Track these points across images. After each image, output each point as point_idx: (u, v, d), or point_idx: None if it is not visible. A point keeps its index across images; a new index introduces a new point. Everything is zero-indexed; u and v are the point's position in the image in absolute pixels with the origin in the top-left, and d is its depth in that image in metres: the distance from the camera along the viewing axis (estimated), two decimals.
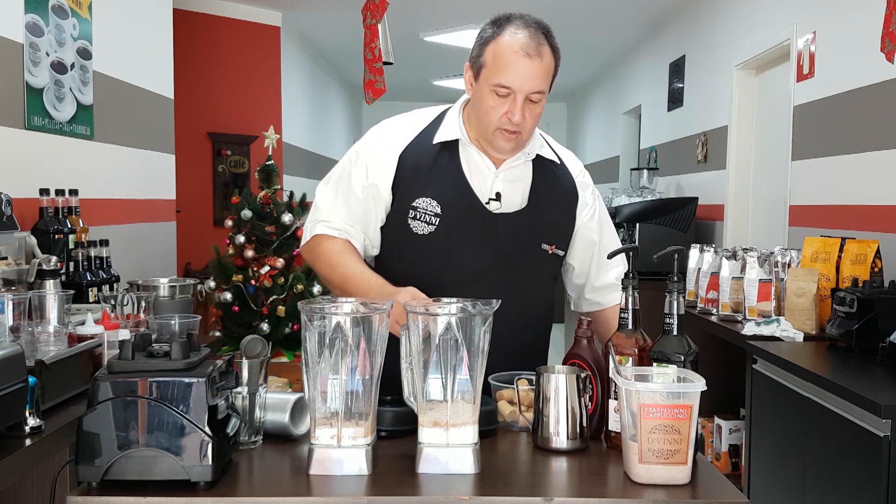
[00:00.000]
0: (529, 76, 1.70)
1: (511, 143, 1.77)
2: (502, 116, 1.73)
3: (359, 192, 1.81)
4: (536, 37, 1.71)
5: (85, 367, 1.86)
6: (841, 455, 2.25)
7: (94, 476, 1.23)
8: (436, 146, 1.81)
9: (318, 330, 1.30)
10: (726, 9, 5.11)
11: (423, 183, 1.79)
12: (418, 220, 1.78)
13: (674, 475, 1.29)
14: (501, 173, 1.82)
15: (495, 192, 1.81)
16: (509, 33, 1.72)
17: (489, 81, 1.72)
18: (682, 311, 1.48)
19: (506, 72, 1.70)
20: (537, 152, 1.86)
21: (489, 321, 1.35)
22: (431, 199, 1.78)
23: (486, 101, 1.73)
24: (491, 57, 1.72)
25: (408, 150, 1.81)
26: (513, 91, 1.70)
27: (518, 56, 1.69)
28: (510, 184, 1.83)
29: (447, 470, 1.32)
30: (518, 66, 1.69)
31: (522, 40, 1.70)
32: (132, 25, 4.01)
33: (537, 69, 1.71)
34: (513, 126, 1.73)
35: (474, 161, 1.82)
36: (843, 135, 3.51)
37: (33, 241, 2.66)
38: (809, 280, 2.88)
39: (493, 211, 1.80)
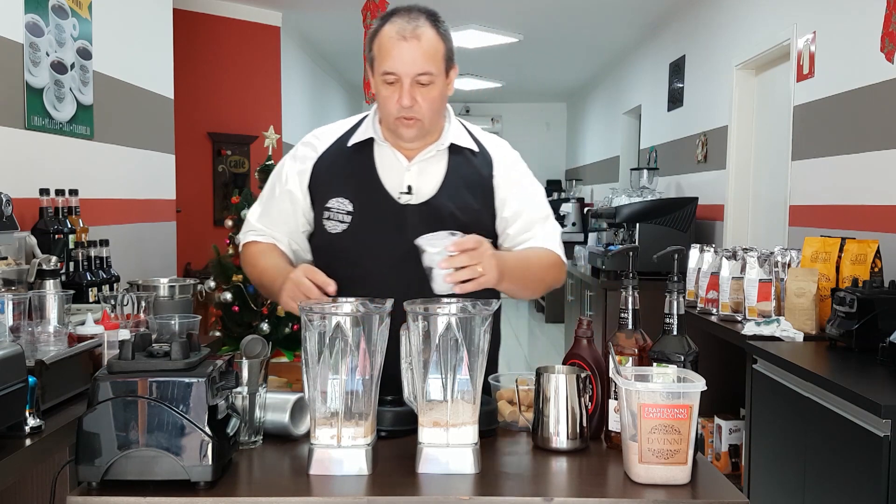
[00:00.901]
0: (410, 59, 1.73)
1: (412, 129, 1.80)
2: (395, 104, 1.76)
3: (278, 199, 1.91)
4: (413, 20, 1.76)
5: (85, 367, 1.86)
6: (841, 455, 2.25)
7: (94, 476, 1.23)
8: (351, 148, 1.88)
9: (318, 330, 1.30)
10: (726, 9, 5.11)
11: (337, 184, 1.85)
12: (332, 219, 1.84)
13: (674, 475, 1.29)
14: (414, 166, 1.85)
15: (407, 185, 1.83)
16: (389, 23, 1.77)
17: (378, 72, 1.77)
18: (682, 311, 1.48)
19: (387, 58, 1.74)
20: (452, 141, 1.87)
21: (489, 321, 1.35)
22: (344, 199, 1.84)
23: (381, 92, 1.78)
24: (376, 48, 1.77)
25: (324, 155, 1.89)
26: (398, 76, 1.74)
27: (395, 41, 1.74)
28: (423, 176, 1.85)
29: (447, 470, 1.32)
30: (396, 50, 1.73)
31: (398, 26, 1.75)
32: (132, 25, 4.01)
33: (416, 51, 1.73)
34: (407, 112, 1.76)
35: (387, 158, 1.86)
36: (843, 135, 3.51)
37: (33, 241, 2.66)
38: (809, 280, 2.88)
39: (402, 203, 1.82)
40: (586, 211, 8.15)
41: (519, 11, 6.47)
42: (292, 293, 1.65)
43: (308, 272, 1.66)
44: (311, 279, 1.64)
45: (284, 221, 1.90)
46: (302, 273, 1.66)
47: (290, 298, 1.66)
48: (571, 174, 11.19)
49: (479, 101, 11.52)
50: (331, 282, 1.64)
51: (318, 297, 1.62)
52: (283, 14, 6.48)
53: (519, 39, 7.23)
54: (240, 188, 4.35)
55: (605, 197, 6.50)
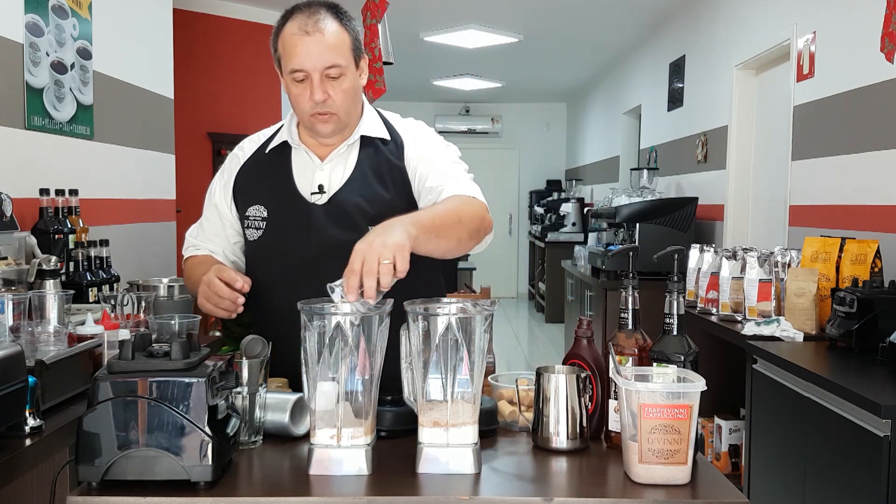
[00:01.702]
0: (315, 53, 1.72)
1: (328, 124, 1.78)
2: (308, 101, 1.74)
3: (208, 214, 1.95)
4: (314, 14, 1.74)
5: (85, 367, 1.86)
6: (841, 455, 2.25)
7: (94, 476, 1.23)
8: (269, 154, 1.88)
9: (318, 330, 1.30)
10: (726, 9, 5.11)
11: (255, 192, 1.86)
12: (250, 227, 1.86)
13: (674, 475, 1.29)
14: (326, 165, 1.83)
15: (318, 184, 1.82)
16: (290, 20, 1.76)
17: (286, 71, 1.75)
18: (682, 311, 1.48)
19: (293, 55, 1.73)
20: (362, 133, 1.84)
21: (489, 321, 1.35)
22: (260, 206, 1.85)
23: (291, 90, 1.76)
24: (281, 48, 1.76)
25: (245, 165, 1.90)
26: (306, 72, 1.73)
27: (298, 37, 1.72)
28: (336, 173, 1.83)
29: (447, 470, 1.32)
30: (301, 46, 1.72)
31: (299, 21, 1.74)
32: (132, 25, 4.01)
33: (320, 44, 1.72)
34: (321, 107, 1.74)
35: (301, 160, 1.86)
36: (843, 135, 3.51)
37: (33, 241, 2.66)
38: (809, 280, 2.88)
39: (312, 203, 1.81)
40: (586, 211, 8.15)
41: (519, 11, 6.47)
42: (205, 293, 1.68)
43: (218, 272, 1.68)
44: (220, 277, 1.66)
45: (216, 234, 1.93)
46: (213, 273, 1.68)
47: (204, 299, 1.69)
48: (571, 174, 11.19)
49: (479, 101, 11.53)
50: (238, 278, 1.66)
51: (229, 294, 1.65)
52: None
53: (519, 39, 7.23)
54: None
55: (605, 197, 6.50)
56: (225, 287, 1.66)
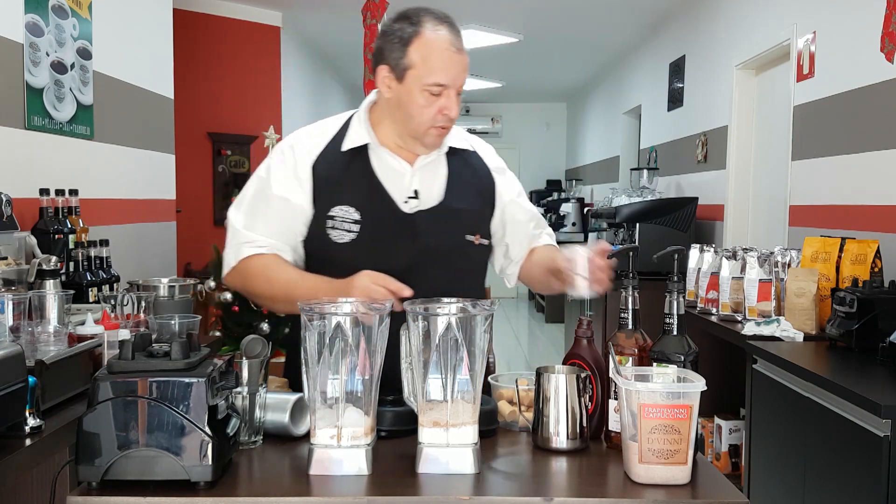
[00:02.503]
0: (461, 72, 1.74)
1: (442, 138, 1.80)
2: (437, 114, 1.74)
3: (278, 209, 1.80)
4: (455, 30, 1.75)
5: (85, 367, 1.86)
6: (841, 455, 2.25)
7: (94, 476, 1.23)
8: (345, 153, 1.81)
9: (318, 330, 1.30)
10: (726, 9, 5.11)
11: (339, 191, 1.78)
12: (337, 228, 1.77)
13: (674, 475, 1.29)
14: (417, 171, 1.82)
15: (413, 189, 1.81)
16: (431, 30, 1.72)
17: (421, 82, 1.72)
18: (682, 311, 1.48)
19: (440, 70, 1.71)
20: (450, 144, 1.86)
21: (489, 321, 1.35)
22: (348, 207, 1.77)
23: (418, 100, 1.73)
24: (419, 57, 1.71)
25: (319, 160, 1.81)
26: (447, 87, 1.73)
27: (450, 53, 1.72)
28: (427, 180, 1.83)
29: (447, 470, 1.32)
30: (452, 62, 1.72)
31: (449, 37, 1.73)
32: (132, 25, 4.01)
33: (464, 63, 1.75)
34: (447, 121, 1.76)
35: (387, 163, 1.82)
36: (843, 135, 3.51)
37: (33, 241, 2.66)
38: (809, 280, 2.88)
39: (409, 210, 1.79)
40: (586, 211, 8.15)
41: (519, 11, 6.47)
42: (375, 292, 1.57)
43: (378, 279, 1.59)
44: (383, 286, 1.57)
45: (283, 230, 1.80)
46: (369, 280, 1.59)
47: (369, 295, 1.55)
48: (571, 174, 11.19)
49: (479, 101, 11.53)
50: (405, 287, 1.57)
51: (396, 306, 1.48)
52: (283, 14, 6.48)
53: (519, 39, 7.23)
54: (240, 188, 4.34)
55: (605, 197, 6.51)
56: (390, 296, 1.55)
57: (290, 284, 1.74)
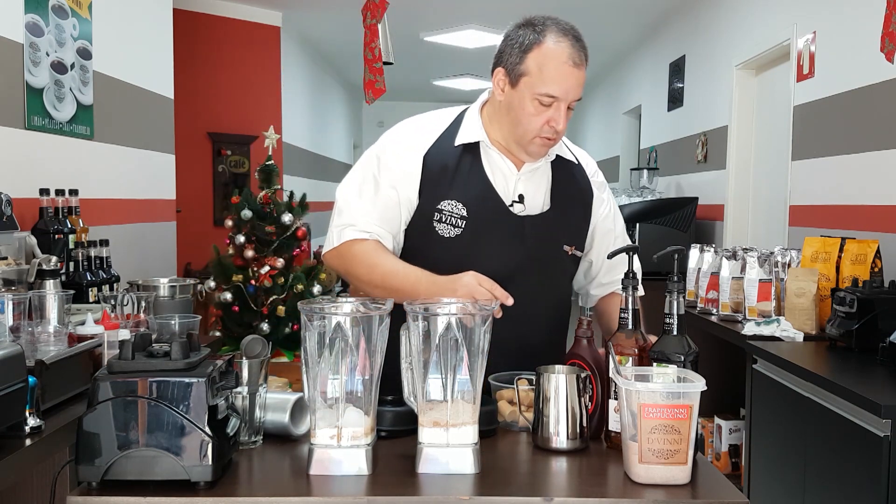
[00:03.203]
0: (576, 85, 1.72)
1: (547, 148, 1.80)
2: (544, 125, 1.73)
3: (385, 196, 1.79)
4: (579, 44, 1.74)
5: (85, 367, 1.85)
6: (841, 455, 2.25)
7: (94, 476, 1.23)
8: (457, 148, 1.80)
9: (318, 330, 1.30)
10: (726, 9, 5.11)
11: (448, 185, 1.77)
12: (444, 222, 1.76)
13: (674, 475, 1.29)
14: (523, 175, 1.83)
15: (518, 194, 1.81)
16: (553, 41, 1.72)
17: (533, 90, 1.71)
18: (682, 311, 1.48)
19: (554, 82, 1.70)
20: (556, 153, 1.87)
21: (489, 321, 1.35)
22: (456, 202, 1.76)
23: (527, 108, 1.73)
24: (535, 66, 1.72)
25: (430, 152, 1.80)
26: (558, 100, 1.71)
27: (568, 66, 1.71)
28: (531, 185, 1.83)
29: (447, 470, 1.32)
30: (567, 76, 1.71)
31: (569, 50, 1.71)
32: (132, 25, 4.01)
33: (580, 79, 1.73)
34: (553, 133, 1.74)
35: (496, 163, 1.82)
36: (843, 135, 3.51)
37: (33, 241, 2.66)
38: (809, 280, 2.88)
39: (517, 213, 1.80)
40: None
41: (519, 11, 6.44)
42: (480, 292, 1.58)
43: (484, 282, 1.60)
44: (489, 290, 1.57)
45: (387, 218, 1.79)
46: (476, 281, 1.60)
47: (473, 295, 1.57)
48: None
49: None
50: (509, 296, 1.58)
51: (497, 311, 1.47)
52: (283, 14, 6.48)
53: None
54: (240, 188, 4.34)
55: None
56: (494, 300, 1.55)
57: (392, 273, 1.73)
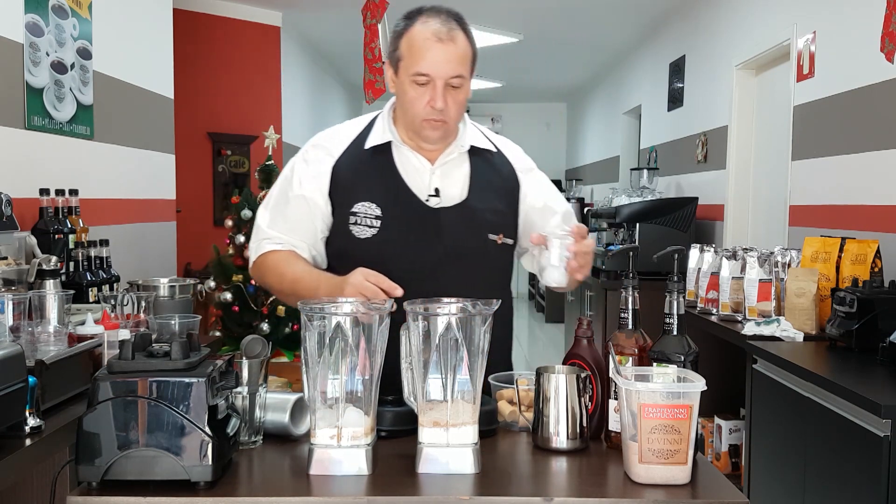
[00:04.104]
0: (444, 60, 1.73)
1: (438, 131, 1.79)
2: (425, 105, 1.75)
3: (295, 206, 1.85)
4: (447, 22, 1.75)
5: (85, 367, 1.86)
6: (841, 455, 2.25)
7: (94, 476, 1.23)
8: (368, 151, 1.84)
9: (318, 330, 1.30)
10: (726, 9, 5.11)
11: (360, 188, 1.82)
12: (359, 224, 1.80)
13: (674, 475, 1.29)
14: (438, 169, 1.84)
15: (434, 187, 1.82)
16: (420, 23, 1.75)
17: (408, 72, 1.75)
18: (682, 311, 1.48)
19: (421, 59, 1.73)
20: (472, 143, 1.87)
21: (489, 321, 1.35)
22: (370, 203, 1.80)
23: (408, 92, 1.76)
24: (406, 48, 1.75)
25: (341, 158, 1.84)
26: (431, 78, 1.73)
27: (431, 42, 1.73)
28: (448, 178, 1.84)
29: (447, 470, 1.32)
30: (432, 52, 1.72)
31: (434, 27, 1.74)
32: (132, 25, 4.01)
33: (451, 53, 1.73)
34: (437, 114, 1.75)
35: (408, 160, 1.84)
36: (843, 135, 3.51)
37: (33, 241, 2.66)
38: (809, 280, 2.88)
39: (433, 206, 1.81)
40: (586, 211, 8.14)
41: (519, 11, 6.47)
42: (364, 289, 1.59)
43: (371, 276, 1.62)
44: (375, 284, 1.59)
45: (303, 228, 1.84)
46: (362, 277, 1.62)
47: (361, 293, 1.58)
48: (571, 174, 11.19)
49: (479, 101, 11.51)
50: (396, 286, 1.59)
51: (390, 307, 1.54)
52: (283, 14, 6.47)
53: (519, 39, 7.23)
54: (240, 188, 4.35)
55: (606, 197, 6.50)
56: (382, 293, 1.58)
57: (296, 279, 1.79)
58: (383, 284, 1.59)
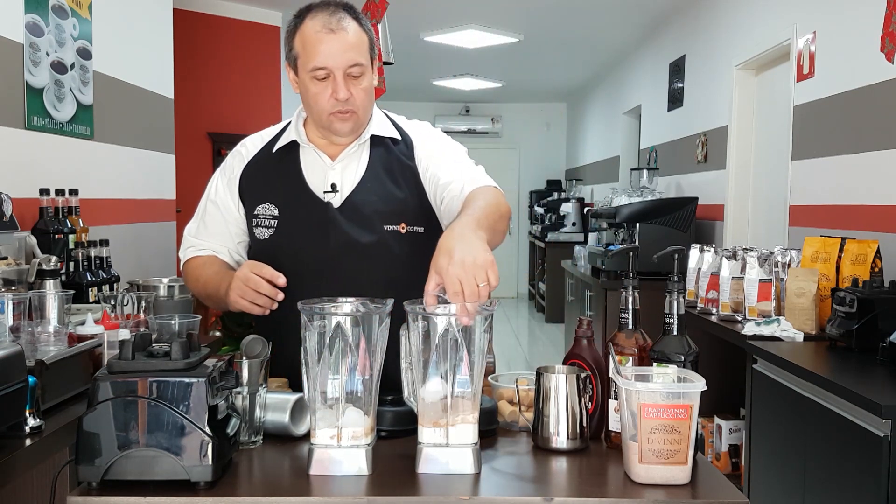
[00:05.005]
0: (339, 51, 1.72)
1: (348, 123, 1.79)
2: (329, 99, 1.75)
3: (211, 213, 1.91)
4: (335, 13, 1.75)
5: (85, 367, 1.86)
6: (841, 455, 2.25)
7: (94, 476, 1.23)
8: (276, 154, 1.87)
9: (318, 330, 1.30)
10: (726, 9, 5.11)
11: (263, 191, 1.85)
12: (260, 226, 1.84)
13: (674, 475, 1.29)
14: (338, 164, 1.84)
15: (330, 183, 1.82)
16: (309, 18, 1.75)
17: (306, 69, 1.75)
18: (682, 311, 1.48)
19: (315, 53, 1.73)
20: (372, 133, 1.86)
21: (489, 321, 1.35)
22: (270, 205, 1.83)
23: (310, 89, 1.76)
24: (300, 45, 1.75)
25: (251, 163, 1.88)
26: (329, 70, 1.73)
27: (323, 35, 1.72)
28: (347, 172, 1.84)
29: (447, 470, 1.32)
30: (325, 44, 1.72)
31: (322, 19, 1.74)
32: (132, 25, 4.01)
33: (344, 42, 1.73)
34: (342, 105, 1.75)
35: (311, 159, 1.85)
36: (843, 135, 3.51)
37: (33, 241, 2.66)
38: (809, 280, 2.88)
39: (325, 202, 1.81)
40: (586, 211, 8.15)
41: (519, 11, 6.47)
42: (240, 290, 1.65)
43: (254, 267, 1.66)
44: (258, 274, 1.64)
45: (220, 232, 1.90)
46: (248, 269, 1.66)
47: (238, 296, 1.66)
48: (571, 174, 11.19)
49: (479, 101, 11.52)
50: (279, 274, 1.64)
51: (269, 290, 1.63)
52: (283, 14, 6.47)
53: (519, 39, 7.23)
54: None
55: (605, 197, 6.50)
56: (265, 283, 1.63)
57: (207, 281, 1.84)
58: (265, 273, 1.63)
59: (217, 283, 1.79)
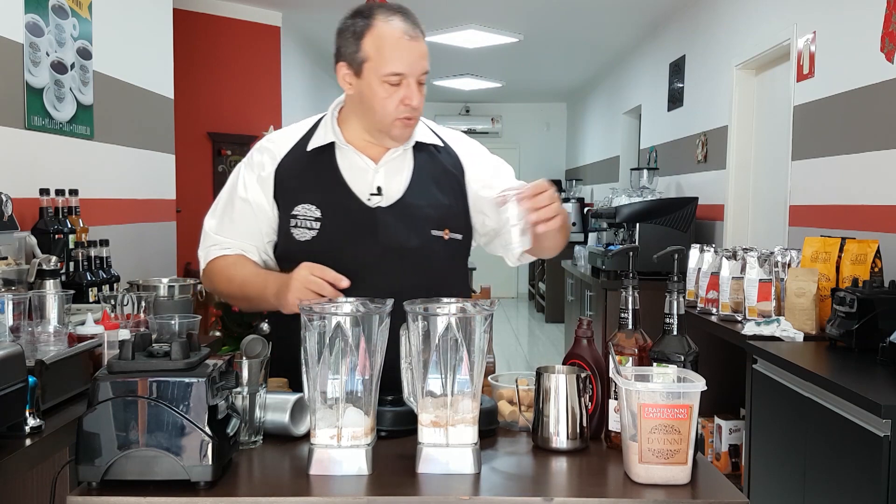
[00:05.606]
0: (418, 58, 1.73)
1: (409, 129, 1.79)
2: (399, 105, 1.73)
3: (240, 210, 1.85)
4: (408, 18, 1.74)
5: (85, 367, 1.86)
6: (841, 455, 2.25)
7: (94, 476, 1.23)
8: (311, 153, 1.83)
9: (318, 330, 1.30)
10: (726, 9, 5.11)
11: (302, 191, 1.81)
12: (299, 227, 1.79)
13: (674, 475, 1.29)
14: (382, 168, 1.82)
15: (376, 186, 1.81)
16: (382, 21, 1.73)
17: (378, 73, 1.72)
18: (682, 311, 1.48)
19: (395, 59, 1.71)
20: (417, 139, 1.86)
21: (489, 320, 1.35)
22: (310, 205, 1.79)
23: (378, 93, 1.73)
24: (373, 49, 1.72)
25: (284, 161, 1.84)
26: (405, 76, 1.72)
27: (404, 41, 1.72)
28: (392, 177, 1.83)
29: (447, 470, 1.32)
30: (405, 50, 1.72)
31: (401, 25, 1.73)
32: (132, 25, 4.01)
33: (422, 50, 1.74)
34: (410, 112, 1.75)
35: (352, 161, 1.83)
36: (843, 135, 3.51)
37: (33, 241, 2.66)
38: (809, 280, 2.88)
39: (371, 206, 1.80)
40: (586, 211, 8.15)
41: (519, 11, 6.47)
42: (302, 293, 1.60)
43: (315, 270, 1.62)
44: (320, 276, 1.61)
45: (250, 231, 1.84)
46: (308, 271, 1.63)
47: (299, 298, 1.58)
48: (571, 174, 11.19)
49: (479, 101, 11.52)
50: (342, 276, 1.61)
51: (331, 293, 1.59)
52: (283, 14, 6.48)
53: (519, 39, 7.23)
54: None
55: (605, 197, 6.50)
56: (328, 286, 1.60)
57: (245, 282, 1.79)
58: (328, 276, 1.61)
59: (262, 283, 1.74)
